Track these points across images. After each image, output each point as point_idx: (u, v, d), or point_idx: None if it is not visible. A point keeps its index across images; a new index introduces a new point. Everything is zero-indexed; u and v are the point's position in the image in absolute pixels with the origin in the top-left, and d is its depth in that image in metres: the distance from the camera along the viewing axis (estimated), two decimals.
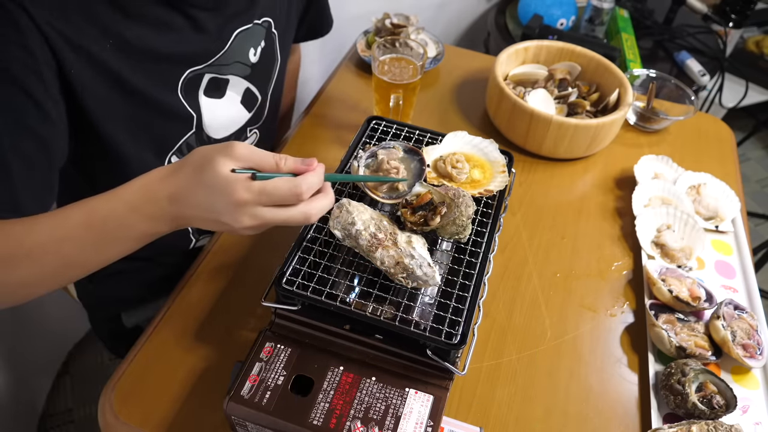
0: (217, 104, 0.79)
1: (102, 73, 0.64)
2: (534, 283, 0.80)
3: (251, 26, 0.78)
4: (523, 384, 0.69)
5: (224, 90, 0.79)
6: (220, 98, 0.79)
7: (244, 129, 0.87)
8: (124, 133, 0.71)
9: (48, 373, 1.52)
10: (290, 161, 0.54)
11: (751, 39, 2.12)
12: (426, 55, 0.90)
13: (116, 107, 0.68)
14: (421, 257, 0.59)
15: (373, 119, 0.80)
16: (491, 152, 0.76)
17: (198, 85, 0.75)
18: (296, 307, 0.60)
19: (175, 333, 0.70)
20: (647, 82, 1.10)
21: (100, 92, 0.65)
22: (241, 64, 0.79)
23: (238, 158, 0.52)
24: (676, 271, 0.79)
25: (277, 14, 0.83)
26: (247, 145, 0.53)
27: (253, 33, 0.79)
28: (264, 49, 0.82)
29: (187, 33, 0.70)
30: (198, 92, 0.75)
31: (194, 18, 0.70)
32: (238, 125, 0.84)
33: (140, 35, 0.66)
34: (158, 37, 0.68)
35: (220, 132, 0.82)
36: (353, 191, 0.71)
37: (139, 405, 0.64)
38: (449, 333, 0.57)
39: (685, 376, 0.66)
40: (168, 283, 0.78)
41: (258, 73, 0.83)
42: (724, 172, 1.00)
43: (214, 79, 0.76)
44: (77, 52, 0.61)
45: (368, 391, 0.57)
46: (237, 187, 0.51)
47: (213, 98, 0.78)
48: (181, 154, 0.79)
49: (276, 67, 0.87)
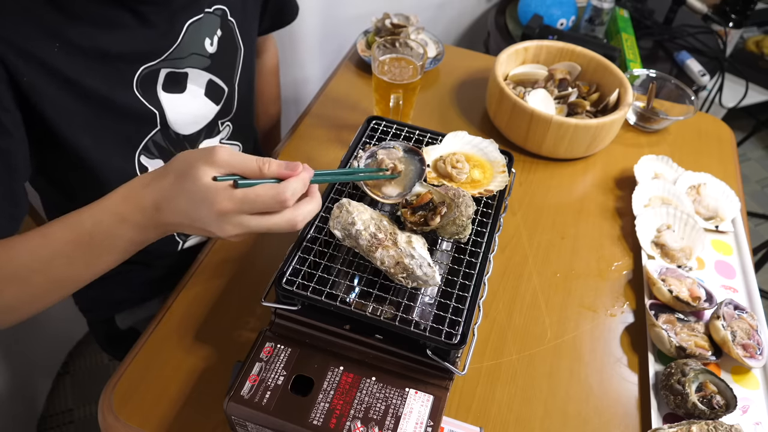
0: (179, 99, 0.77)
1: (54, 78, 0.63)
2: (534, 283, 0.80)
3: (202, 16, 0.76)
4: (523, 384, 0.69)
5: (184, 84, 0.77)
6: (181, 92, 0.77)
7: (215, 123, 0.85)
8: (87, 137, 0.69)
9: (48, 373, 1.52)
10: (274, 166, 0.52)
11: (751, 39, 2.12)
12: (426, 55, 0.90)
13: (74, 112, 0.66)
14: (421, 257, 0.59)
15: (373, 119, 0.80)
16: (491, 152, 0.76)
17: (155, 81, 0.73)
18: (296, 307, 0.60)
19: (175, 333, 0.70)
20: (647, 82, 1.10)
21: (55, 98, 0.64)
22: (198, 56, 0.77)
23: (220, 164, 0.51)
24: (676, 271, 0.79)
25: (231, 2, 0.81)
26: (229, 150, 0.52)
27: (206, 22, 0.77)
28: (221, 38, 0.80)
29: (135, 29, 0.68)
30: (156, 88, 0.73)
31: (141, 13, 0.68)
32: (207, 119, 0.83)
33: (87, 35, 0.64)
34: (105, 36, 0.66)
35: (189, 127, 0.80)
36: (353, 191, 0.71)
37: (139, 405, 0.64)
38: (449, 333, 0.57)
39: (685, 376, 0.66)
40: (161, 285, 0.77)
41: (219, 64, 0.81)
42: (724, 172, 1.00)
43: (171, 74, 0.75)
44: (26, 58, 0.60)
45: (368, 391, 0.57)
46: (218, 196, 0.50)
47: (173, 93, 0.76)
48: (148, 153, 0.77)
49: (239, 56, 0.85)
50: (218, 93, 0.83)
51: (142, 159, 0.77)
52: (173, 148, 0.80)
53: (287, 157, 0.94)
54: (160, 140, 0.77)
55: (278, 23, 1.00)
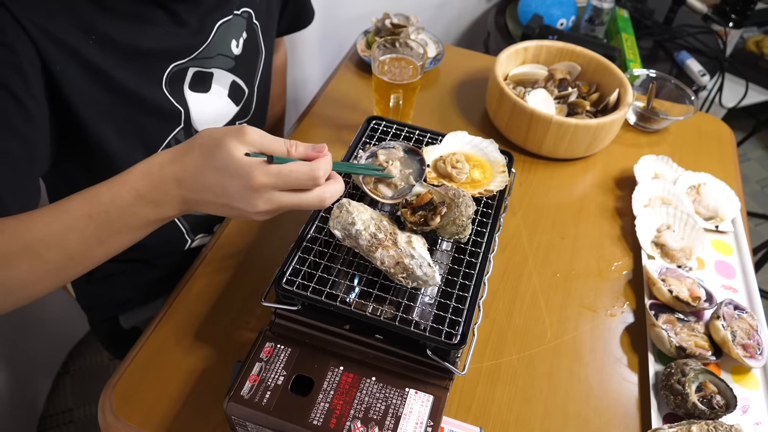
0: (204, 98, 0.78)
1: (86, 70, 0.64)
2: (534, 283, 0.80)
3: (231, 17, 0.78)
4: (523, 384, 0.69)
5: (209, 84, 0.79)
6: (206, 92, 0.78)
7: (233, 123, 0.86)
8: (112, 131, 0.70)
9: (48, 373, 1.52)
10: (301, 147, 0.54)
11: (751, 39, 2.12)
12: (426, 55, 0.90)
13: (102, 104, 0.67)
14: (421, 257, 0.59)
15: (373, 119, 0.80)
16: (491, 152, 0.76)
17: (183, 79, 0.74)
18: (296, 307, 0.60)
19: (175, 333, 0.70)
20: (647, 82, 1.10)
21: (85, 89, 0.65)
22: (224, 57, 0.79)
23: (250, 143, 0.51)
24: (676, 271, 0.79)
25: (257, 5, 0.83)
26: (258, 130, 0.52)
27: (234, 24, 0.79)
28: (246, 40, 0.82)
29: (168, 27, 0.70)
30: (183, 87, 0.75)
31: (174, 11, 0.70)
32: (226, 119, 0.84)
33: (120, 30, 0.66)
34: (139, 33, 0.67)
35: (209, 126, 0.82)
36: (353, 191, 0.71)
37: (139, 405, 0.64)
38: (449, 333, 0.57)
39: (685, 376, 0.66)
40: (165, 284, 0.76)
41: (242, 66, 0.82)
42: (724, 172, 1.00)
43: (198, 73, 0.76)
44: (61, 48, 0.61)
45: (368, 391, 0.57)
46: (254, 171, 0.50)
47: (199, 92, 0.77)
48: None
49: (261, 59, 0.87)
50: (239, 94, 0.84)
51: None
52: None
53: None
54: (182, 138, 0.78)
55: (294, 27, 1.02)
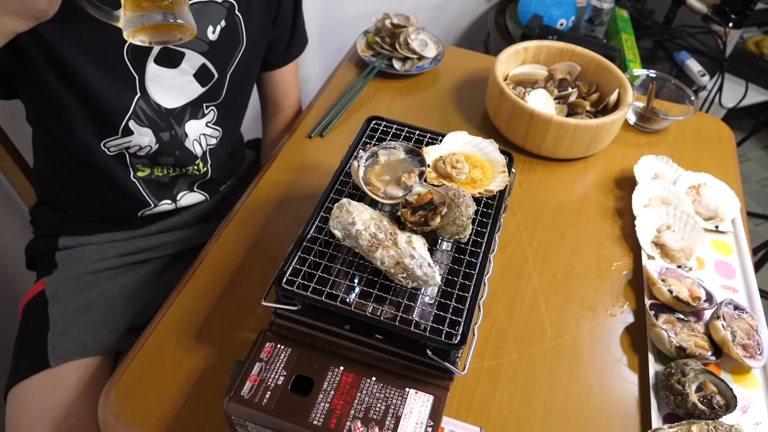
0: (165, 72, 0.81)
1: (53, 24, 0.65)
2: (534, 283, 0.80)
3: (206, 2, 0.80)
4: (523, 384, 0.69)
5: (179, 62, 0.82)
6: (172, 68, 0.82)
7: (200, 104, 0.89)
8: (92, 65, 0.74)
9: None
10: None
11: (751, 39, 2.13)
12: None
13: (80, 39, 0.71)
14: (421, 257, 0.59)
15: (373, 119, 0.80)
16: (491, 152, 0.76)
17: (149, 52, 0.78)
18: (296, 307, 0.60)
19: (175, 333, 0.70)
20: (647, 82, 1.11)
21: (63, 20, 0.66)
22: (198, 40, 0.82)
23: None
24: (676, 271, 0.79)
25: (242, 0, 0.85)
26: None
27: (210, 10, 0.81)
28: (224, 29, 0.84)
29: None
30: (148, 59, 0.79)
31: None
32: (189, 96, 0.87)
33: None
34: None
35: (169, 101, 0.85)
36: (353, 191, 0.71)
37: (139, 405, 0.64)
38: (449, 333, 0.57)
39: (685, 376, 0.66)
40: (118, 224, 0.85)
41: (216, 52, 0.85)
42: (724, 172, 1.00)
43: (166, 50, 0.79)
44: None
45: (368, 391, 0.57)
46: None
47: (164, 67, 0.81)
48: (137, 119, 0.82)
49: (239, 50, 0.89)
50: (207, 77, 0.87)
51: (131, 124, 0.82)
52: (158, 119, 0.84)
53: (288, 156, 0.94)
54: (146, 108, 0.82)
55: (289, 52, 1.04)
